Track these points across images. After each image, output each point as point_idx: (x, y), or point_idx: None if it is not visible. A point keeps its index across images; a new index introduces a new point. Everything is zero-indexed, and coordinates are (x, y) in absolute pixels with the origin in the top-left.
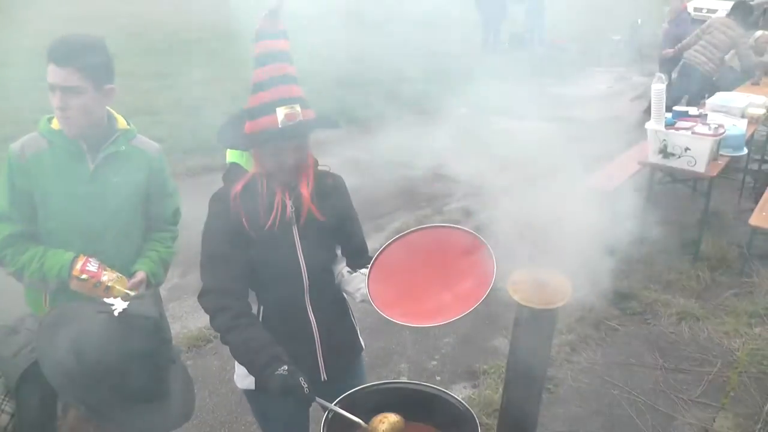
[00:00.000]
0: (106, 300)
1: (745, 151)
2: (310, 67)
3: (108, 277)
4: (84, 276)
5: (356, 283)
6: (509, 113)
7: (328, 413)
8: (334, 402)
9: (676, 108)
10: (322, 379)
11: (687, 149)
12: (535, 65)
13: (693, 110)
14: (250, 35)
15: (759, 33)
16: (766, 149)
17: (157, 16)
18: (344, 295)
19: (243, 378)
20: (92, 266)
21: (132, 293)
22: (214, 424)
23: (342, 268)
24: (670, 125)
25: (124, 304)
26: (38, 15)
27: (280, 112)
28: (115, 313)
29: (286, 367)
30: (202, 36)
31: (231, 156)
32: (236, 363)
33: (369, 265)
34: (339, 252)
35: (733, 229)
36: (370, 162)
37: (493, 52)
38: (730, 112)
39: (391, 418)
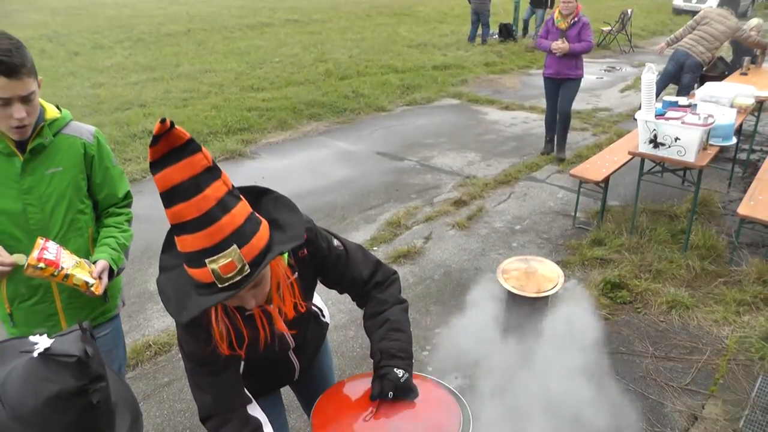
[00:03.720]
0: (31, 338)
1: (734, 141)
2: (305, 58)
3: (67, 264)
4: (41, 264)
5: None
6: (498, 104)
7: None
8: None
9: (666, 98)
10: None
11: (677, 139)
12: (524, 56)
13: (683, 100)
14: (240, 27)
15: (754, 22)
16: (754, 139)
17: (144, 8)
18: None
19: None
20: (50, 253)
21: (93, 282)
22: None
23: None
24: (660, 115)
25: (48, 343)
26: (26, 6)
27: (211, 266)
28: (35, 354)
29: None
30: (190, 27)
31: None
32: None
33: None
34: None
35: (722, 218)
36: (359, 153)
37: (483, 43)
38: (720, 102)
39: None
